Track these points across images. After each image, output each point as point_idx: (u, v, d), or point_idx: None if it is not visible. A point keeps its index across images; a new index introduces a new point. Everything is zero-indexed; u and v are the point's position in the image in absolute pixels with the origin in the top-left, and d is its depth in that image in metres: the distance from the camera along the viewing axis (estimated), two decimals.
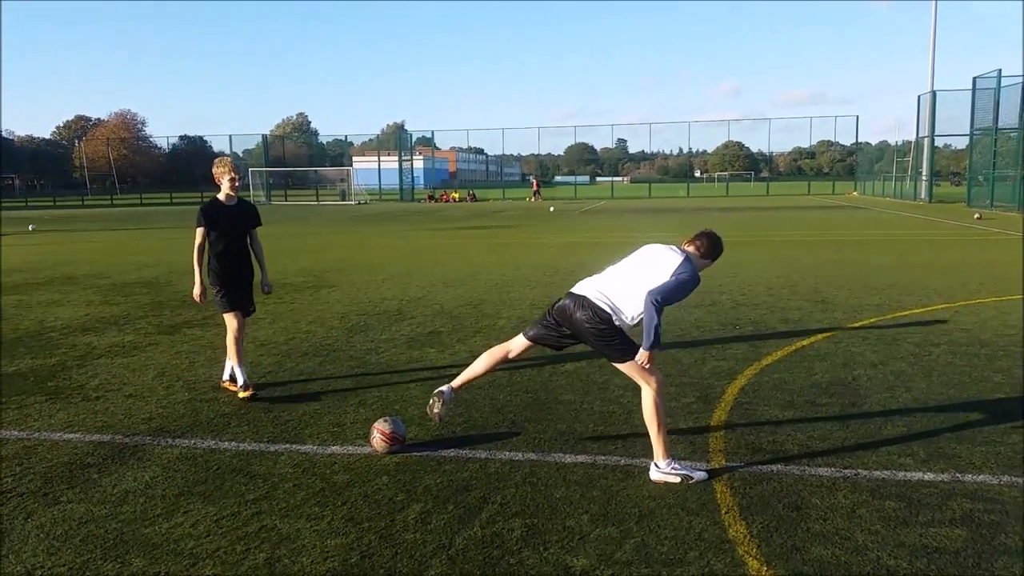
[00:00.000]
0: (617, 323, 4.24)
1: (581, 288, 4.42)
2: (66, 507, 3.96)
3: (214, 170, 6.03)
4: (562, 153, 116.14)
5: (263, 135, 67.73)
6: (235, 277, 6.08)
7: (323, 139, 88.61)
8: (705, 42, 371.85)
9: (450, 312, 9.40)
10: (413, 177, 63.23)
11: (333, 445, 4.81)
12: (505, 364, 4.83)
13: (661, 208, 39.80)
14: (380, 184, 61.63)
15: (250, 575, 3.26)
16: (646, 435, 4.89)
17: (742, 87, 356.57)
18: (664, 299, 4.06)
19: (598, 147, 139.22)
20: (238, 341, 5.99)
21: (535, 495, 4.04)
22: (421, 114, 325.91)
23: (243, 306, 6.10)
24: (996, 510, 3.77)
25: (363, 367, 6.73)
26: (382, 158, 64.38)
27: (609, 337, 4.23)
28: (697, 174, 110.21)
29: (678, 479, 4.15)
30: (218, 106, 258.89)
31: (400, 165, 60.25)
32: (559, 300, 4.48)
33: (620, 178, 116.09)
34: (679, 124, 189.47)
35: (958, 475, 4.20)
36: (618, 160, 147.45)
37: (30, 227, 30.21)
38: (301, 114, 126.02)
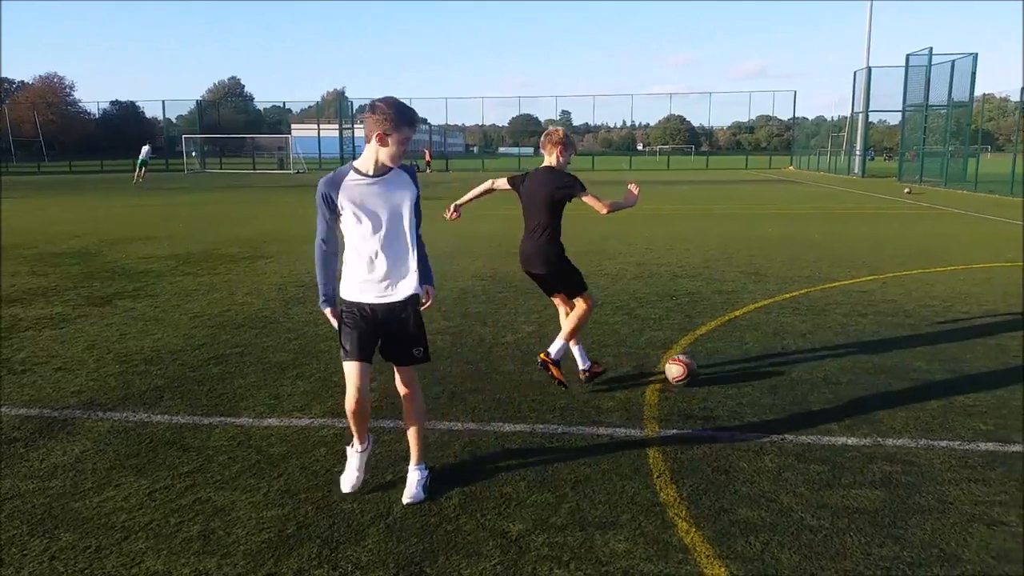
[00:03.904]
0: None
1: None
2: None
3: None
4: (506, 124, 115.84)
5: (197, 100, 65.82)
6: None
7: (260, 105, 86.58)
8: (662, 12, 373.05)
9: None
10: (354, 146, 62.24)
11: (270, 417, 4.76)
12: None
13: (604, 180, 40.05)
14: (320, 153, 60.55)
15: (183, 547, 3.23)
16: (584, 404, 4.99)
17: (696, 60, 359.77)
18: None
19: (542, 118, 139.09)
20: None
21: (474, 463, 4.09)
22: (363, 82, 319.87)
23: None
24: (913, 472, 3.96)
25: (301, 339, 6.66)
26: (322, 126, 63.18)
27: None
28: (640, 147, 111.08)
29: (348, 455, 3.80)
30: (149, 71, 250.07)
31: (341, 133, 59.18)
32: None
33: None
34: (623, 97, 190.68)
35: (879, 439, 4.39)
36: None
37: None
38: (233, 78, 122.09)
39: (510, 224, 16.58)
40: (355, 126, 59.25)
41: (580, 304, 5.21)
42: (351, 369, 3.55)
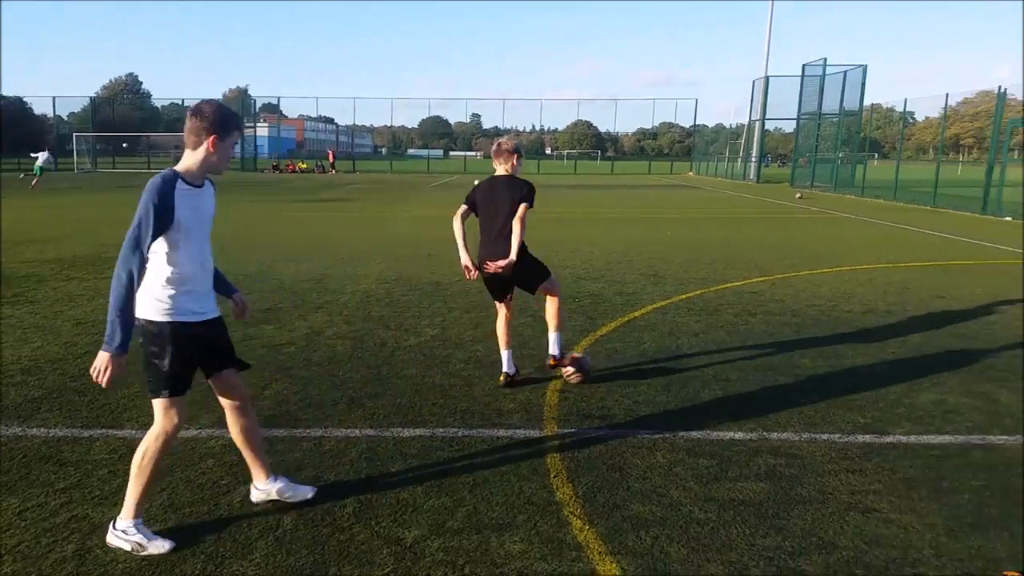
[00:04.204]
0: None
1: None
2: None
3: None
4: (416, 126, 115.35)
5: (91, 97, 62.75)
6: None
7: (158, 103, 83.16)
8: (570, 16, 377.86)
9: (291, 288, 9.12)
10: (256, 146, 60.55)
11: None
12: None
13: None
14: None
15: (55, 569, 3.06)
16: (485, 407, 4.99)
17: (602, 67, 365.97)
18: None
19: (452, 121, 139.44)
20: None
21: (370, 471, 4.03)
22: (267, 80, 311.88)
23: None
24: (796, 464, 4.13)
25: None
26: None
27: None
28: (548, 151, 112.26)
29: (128, 546, 3.18)
30: (38, 66, 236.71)
31: (243, 132, 57.61)
32: None
33: (473, 153, 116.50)
34: (532, 101, 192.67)
35: (765, 433, 4.56)
36: (472, 135, 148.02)
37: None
38: (130, 74, 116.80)
39: (416, 225, 16.47)
40: (257, 125, 57.72)
41: (550, 292, 5.57)
42: (178, 405, 3.26)
